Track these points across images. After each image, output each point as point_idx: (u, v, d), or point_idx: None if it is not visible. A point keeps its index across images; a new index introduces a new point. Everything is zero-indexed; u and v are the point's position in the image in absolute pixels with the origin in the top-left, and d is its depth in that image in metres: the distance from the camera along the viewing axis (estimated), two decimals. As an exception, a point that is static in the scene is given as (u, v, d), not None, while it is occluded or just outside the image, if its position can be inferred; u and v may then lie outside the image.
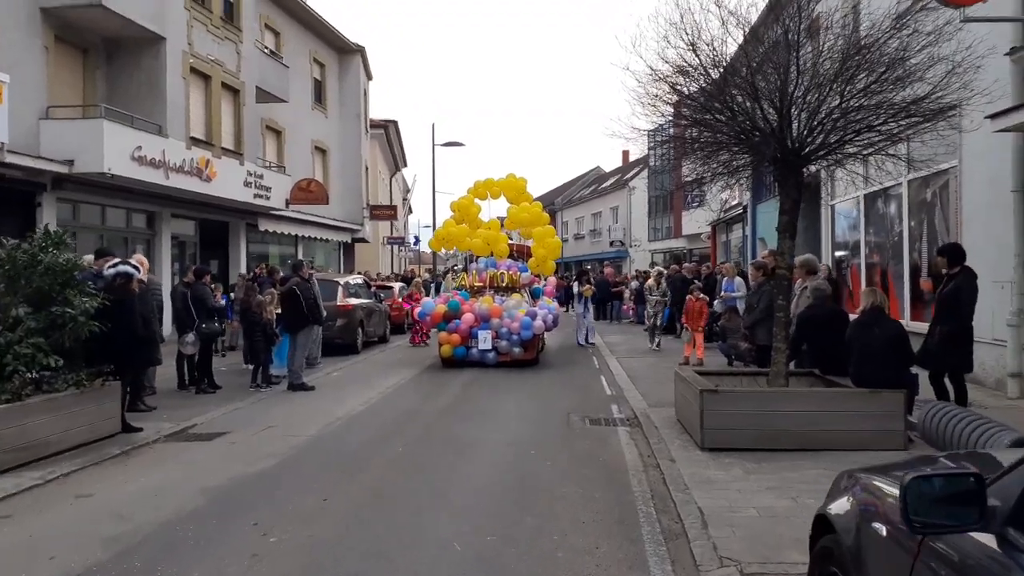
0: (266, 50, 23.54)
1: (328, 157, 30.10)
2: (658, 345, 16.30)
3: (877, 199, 14.32)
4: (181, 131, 18.26)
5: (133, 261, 8.59)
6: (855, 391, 7.23)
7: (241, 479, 6.50)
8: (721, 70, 7.48)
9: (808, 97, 7.23)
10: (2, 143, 13.56)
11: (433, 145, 32.47)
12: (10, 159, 13.96)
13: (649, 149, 13.64)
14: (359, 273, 24.93)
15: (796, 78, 7.10)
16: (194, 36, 18.92)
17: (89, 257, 10.00)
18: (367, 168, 33.84)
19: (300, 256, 27.90)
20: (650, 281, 17.41)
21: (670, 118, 8.70)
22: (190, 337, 11.07)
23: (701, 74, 7.43)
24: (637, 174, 53.14)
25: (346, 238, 31.39)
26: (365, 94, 33.65)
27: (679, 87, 7.81)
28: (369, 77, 34.83)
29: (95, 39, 17.24)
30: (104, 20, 16.35)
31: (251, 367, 11.84)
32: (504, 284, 14.93)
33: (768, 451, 6.87)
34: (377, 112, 42.11)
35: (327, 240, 30.21)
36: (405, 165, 55.45)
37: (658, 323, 16.59)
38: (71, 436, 7.31)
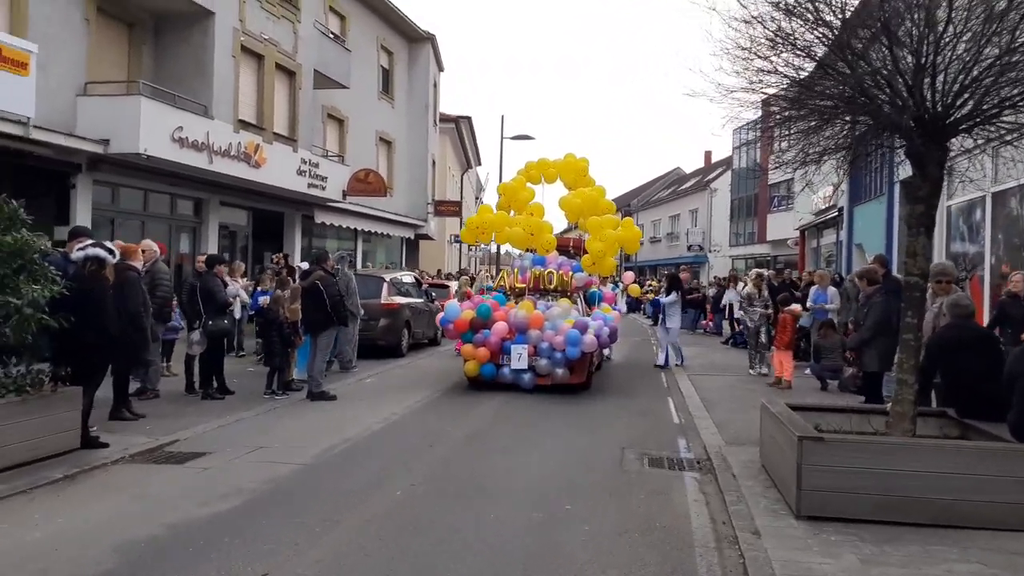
0: (329, 33, 22.42)
1: (393, 149, 28.93)
2: (764, 369, 12.84)
3: (1011, 198, 11.96)
4: (228, 113, 17.19)
5: (110, 244, 7.21)
6: (1017, 448, 5.25)
7: (181, 527, 5.00)
8: (838, 8, 5.58)
9: (958, 46, 5.29)
10: (28, 118, 12.62)
11: (502, 138, 31.01)
12: (38, 136, 13.05)
13: (736, 133, 11.55)
14: (413, 270, 23.61)
15: (948, 15, 5.17)
16: (247, 12, 17.85)
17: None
18: (434, 162, 32.59)
19: (359, 251, 26.87)
20: (749, 287, 14.25)
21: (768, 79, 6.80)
22: (196, 335, 9.77)
23: (811, 12, 5.55)
24: (720, 175, 50.52)
25: (409, 234, 30.15)
26: (435, 85, 32.40)
27: (780, 36, 5.93)
28: (440, 68, 33.57)
29: (142, 13, 16.32)
30: (148, -9, 15.41)
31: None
32: (552, 286, 12.21)
33: (891, 525, 4.99)
34: (449, 106, 40.96)
35: (389, 235, 29.04)
36: (479, 163, 54.26)
37: (762, 340, 13.06)
38: (2, 454, 5.97)
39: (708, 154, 61.26)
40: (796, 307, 12.38)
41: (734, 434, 8.22)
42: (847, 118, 6.24)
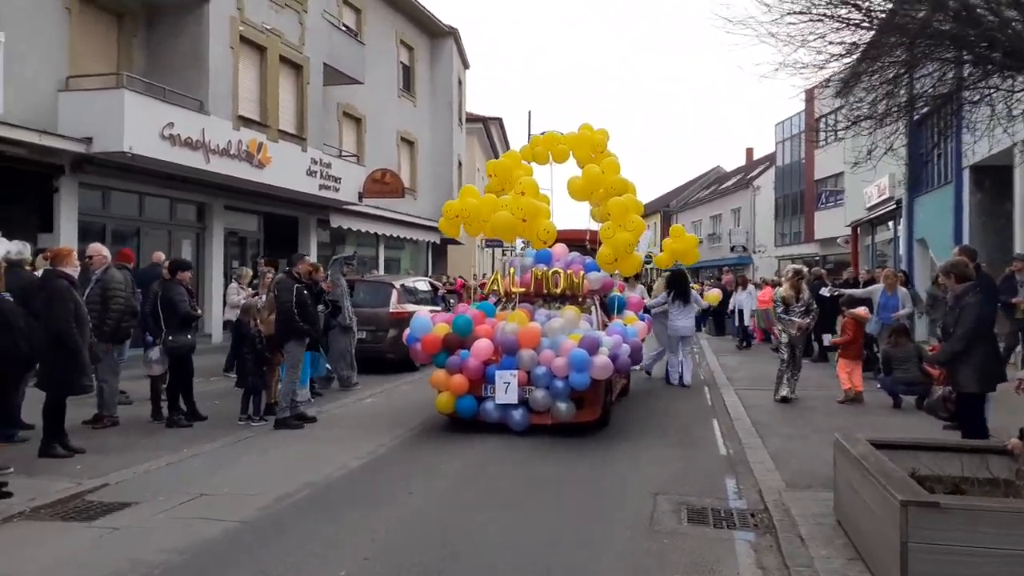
0: (340, 25, 21.15)
1: (416, 149, 27.59)
2: (789, 395, 10.18)
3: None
4: (227, 109, 15.95)
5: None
6: None
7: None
8: None
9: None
10: (-4, 113, 11.48)
11: (529, 135, 29.41)
12: (9, 134, 11.90)
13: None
14: (441, 276, 22.20)
15: None
16: (246, 1, 16.61)
17: (21, 244, 7.39)
18: (460, 163, 31.20)
19: (381, 257, 25.55)
20: (783, 288, 10.60)
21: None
22: (154, 353, 8.41)
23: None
24: (762, 172, 48.38)
25: (435, 238, 28.75)
26: (460, 83, 31.04)
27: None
28: (465, 65, 32.22)
29: (132, 3, 15.17)
30: (133, -22, 14.24)
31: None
32: (558, 290, 9.31)
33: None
34: (479, 105, 39.59)
35: (414, 240, 27.68)
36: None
37: (798, 357, 10.36)
38: None
39: (750, 151, 58.99)
40: (862, 310, 10.58)
41: (795, 471, 6.57)
42: (949, 55, 4.61)
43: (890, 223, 22.73)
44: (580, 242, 11.07)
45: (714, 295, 16.03)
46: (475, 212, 9.54)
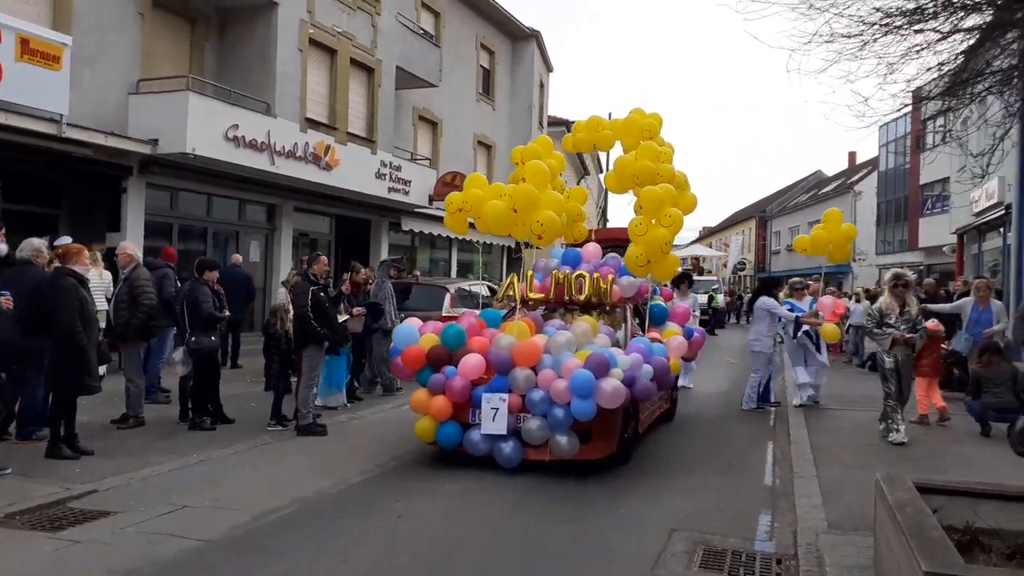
0: (415, 28, 21.04)
1: (493, 153, 27.28)
2: (897, 433, 8.10)
3: None
4: (294, 111, 15.97)
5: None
6: None
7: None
8: None
9: None
10: (60, 115, 11.75)
11: (610, 137, 28.60)
12: (77, 135, 12.17)
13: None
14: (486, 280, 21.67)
15: None
16: (316, 4, 16.61)
17: (38, 242, 7.34)
18: (540, 166, 30.67)
19: (454, 260, 25.33)
20: (884, 298, 8.44)
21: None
22: (178, 354, 8.24)
23: None
24: (864, 176, 45.84)
25: (510, 241, 28.30)
26: (542, 86, 30.56)
27: None
28: (549, 68, 31.73)
29: (206, 7, 15.41)
30: (202, -18, 14.43)
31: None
32: (582, 297, 8.05)
33: None
34: (561, 108, 38.99)
35: (488, 243, 27.34)
36: (601, 171, 51.98)
37: (905, 387, 8.31)
38: None
39: (852, 155, 56.06)
40: (933, 323, 9.31)
41: (845, 508, 5.71)
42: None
43: (1000, 230, 20.79)
44: (616, 240, 9.91)
45: (831, 332, 10.96)
46: (479, 204, 7.79)
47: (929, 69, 7.22)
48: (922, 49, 6.99)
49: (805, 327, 10.37)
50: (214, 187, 15.58)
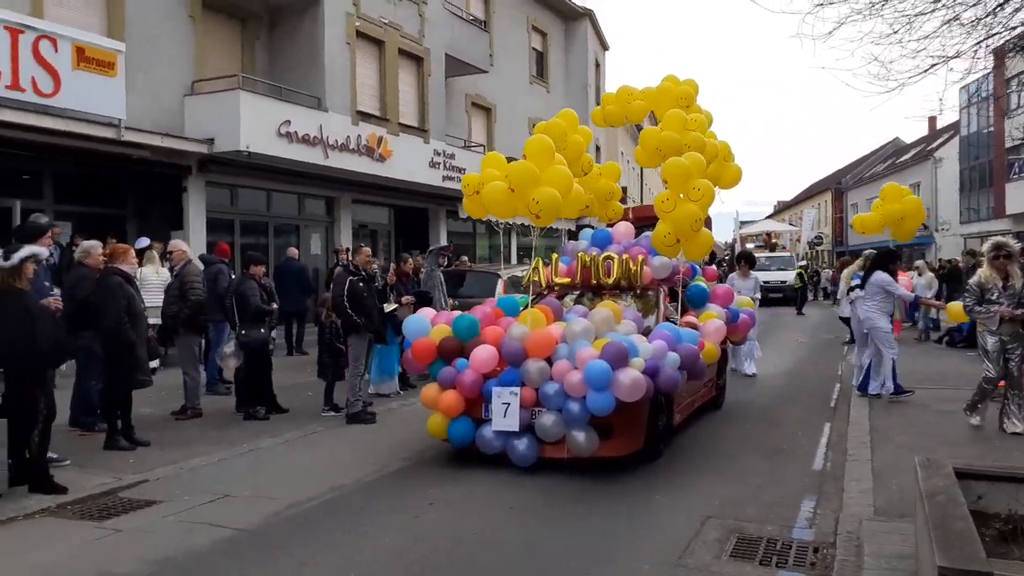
0: (463, 14, 20.98)
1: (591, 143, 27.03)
2: (1014, 424, 7.23)
3: None
4: (345, 104, 16.17)
5: (34, 248, 5.82)
6: None
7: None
8: None
9: None
10: (119, 120, 12.18)
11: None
12: (132, 138, 12.59)
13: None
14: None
15: None
16: (362, -4, 16.76)
17: (90, 243, 7.62)
18: (598, 148, 30.30)
19: (514, 246, 25.28)
20: (982, 272, 7.50)
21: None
22: (229, 347, 8.46)
23: None
24: (946, 142, 43.70)
25: (571, 224, 28.10)
26: (598, 65, 30.14)
27: None
28: (604, 46, 31.28)
29: (255, 6, 15.71)
30: (248, -18, 14.70)
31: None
32: (610, 280, 7.66)
33: None
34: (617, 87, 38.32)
35: (554, 228, 27.17)
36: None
37: (1014, 370, 7.26)
38: None
39: (932, 120, 53.28)
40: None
41: (894, 494, 5.44)
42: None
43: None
44: (650, 220, 9.12)
45: (957, 312, 9.36)
46: (493, 185, 6.94)
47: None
48: None
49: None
50: (272, 182, 15.92)
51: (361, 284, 8.22)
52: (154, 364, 10.92)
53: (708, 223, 8.52)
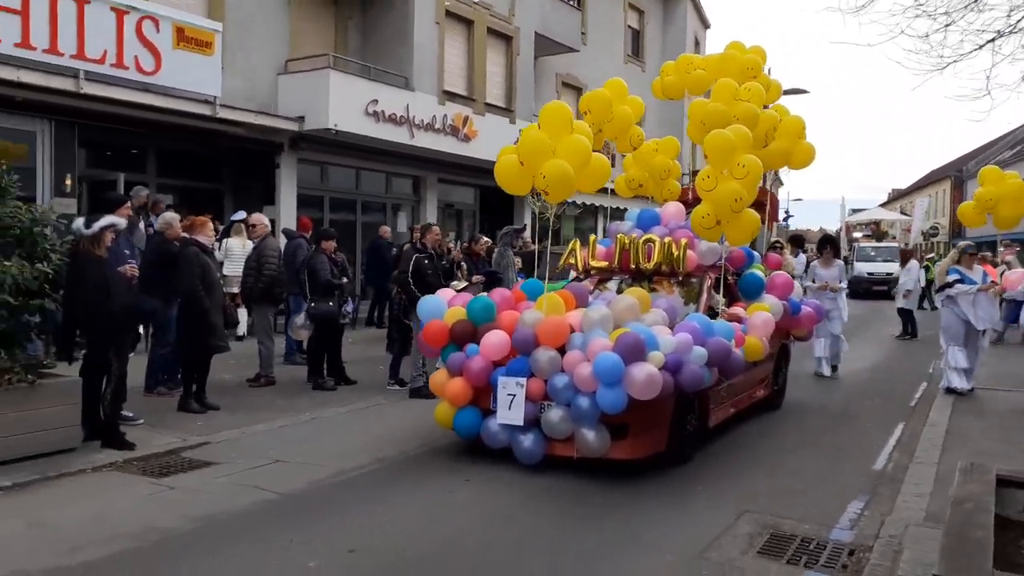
0: (556, -9, 20.80)
1: (643, 116, 26.55)
2: None
3: None
4: (432, 84, 16.37)
5: (113, 217, 6.20)
6: None
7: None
8: None
9: None
10: (214, 97, 12.75)
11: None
12: (227, 115, 13.16)
13: None
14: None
15: None
16: (453, -25, 16.88)
17: (171, 216, 8.06)
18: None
19: (599, 230, 25.03)
20: None
21: None
22: (300, 318, 8.78)
23: None
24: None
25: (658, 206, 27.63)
26: (697, 44, 29.33)
27: None
28: (705, 24, 30.40)
29: (348, -13, 16.08)
30: (342, -37, 15.02)
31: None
32: (651, 265, 7.12)
33: None
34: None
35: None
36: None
37: None
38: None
39: (1068, 104, 49.42)
40: None
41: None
42: None
43: None
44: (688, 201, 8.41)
45: None
46: (533, 154, 6.07)
47: None
48: None
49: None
50: (360, 160, 16.32)
51: (427, 262, 8.36)
52: (241, 330, 11.50)
53: (762, 205, 8.08)
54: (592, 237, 7.81)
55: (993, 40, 6.81)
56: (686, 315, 6.44)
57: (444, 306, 6.54)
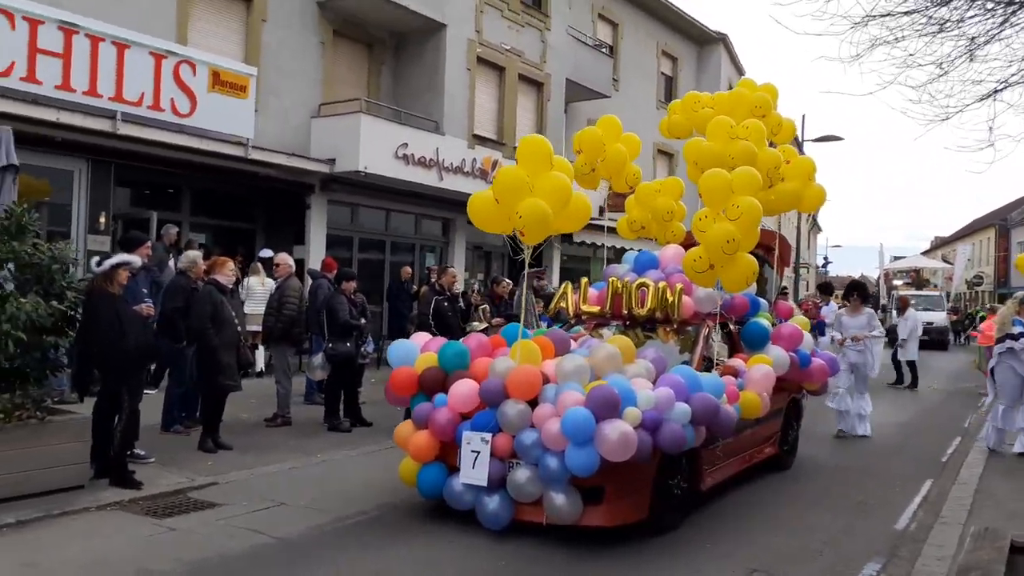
0: (590, 41, 21.05)
1: (675, 161, 26.54)
2: None
3: None
4: (462, 128, 16.59)
5: (126, 256, 6.30)
6: None
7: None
8: None
9: None
10: (247, 139, 13.04)
11: (801, 141, 26.79)
12: (260, 156, 13.44)
13: None
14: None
15: None
16: (484, 23, 17.17)
17: (194, 254, 8.20)
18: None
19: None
20: None
21: None
22: (317, 359, 8.79)
23: None
24: None
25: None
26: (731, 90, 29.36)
27: None
28: (740, 71, 30.45)
29: (381, 32, 16.43)
30: (374, 11, 15.37)
31: None
32: (644, 311, 6.70)
33: None
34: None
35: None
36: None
37: None
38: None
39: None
40: None
41: (975, 565, 4.87)
42: None
43: None
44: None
45: None
46: (511, 188, 5.70)
47: None
48: None
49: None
50: (390, 202, 16.51)
51: (446, 304, 8.36)
52: (258, 366, 11.55)
53: (770, 249, 7.81)
54: (583, 280, 7.39)
55: (997, 92, 6.66)
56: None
57: (416, 351, 6.04)
